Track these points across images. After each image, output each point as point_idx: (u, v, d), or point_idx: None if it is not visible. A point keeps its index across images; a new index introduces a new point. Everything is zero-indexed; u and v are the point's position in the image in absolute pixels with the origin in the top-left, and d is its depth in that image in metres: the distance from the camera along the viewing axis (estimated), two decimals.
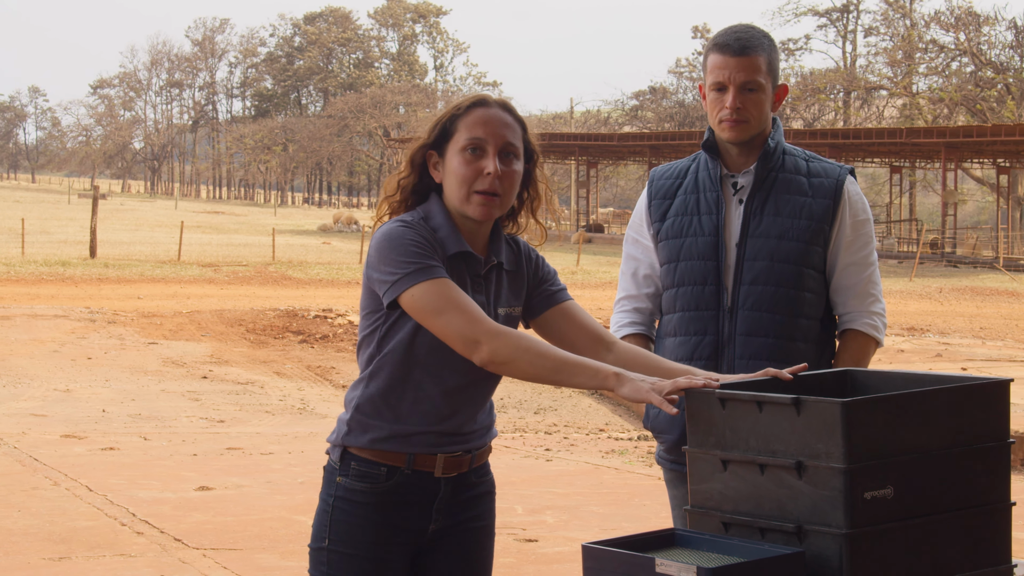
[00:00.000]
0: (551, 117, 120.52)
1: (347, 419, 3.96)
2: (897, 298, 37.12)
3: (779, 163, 4.84)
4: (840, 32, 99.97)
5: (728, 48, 4.72)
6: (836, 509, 3.38)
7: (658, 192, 5.03)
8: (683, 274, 4.87)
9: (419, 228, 3.86)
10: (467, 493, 4.04)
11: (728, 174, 4.88)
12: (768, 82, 4.74)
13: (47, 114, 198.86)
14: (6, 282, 34.70)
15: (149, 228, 70.15)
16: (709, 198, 4.87)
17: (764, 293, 4.75)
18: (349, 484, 3.94)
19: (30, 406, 16.26)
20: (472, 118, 3.91)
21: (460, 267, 3.91)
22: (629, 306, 5.08)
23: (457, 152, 3.90)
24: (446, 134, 3.94)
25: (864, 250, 4.85)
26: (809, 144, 64.23)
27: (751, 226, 4.80)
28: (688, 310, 4.86)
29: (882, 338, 4.89)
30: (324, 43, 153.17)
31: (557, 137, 76.91)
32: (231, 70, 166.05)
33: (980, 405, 3.64)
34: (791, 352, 4.73)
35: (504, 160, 3.91)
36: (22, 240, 47.55)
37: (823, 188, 4.81)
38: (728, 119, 4.73)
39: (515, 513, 10.26)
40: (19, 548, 8.99)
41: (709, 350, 4.80)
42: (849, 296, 4.84)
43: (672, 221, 4.93)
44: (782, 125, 4.97)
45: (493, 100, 3.97)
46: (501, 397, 18.06)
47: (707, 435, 3.66)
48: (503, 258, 4.03)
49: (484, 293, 3.96)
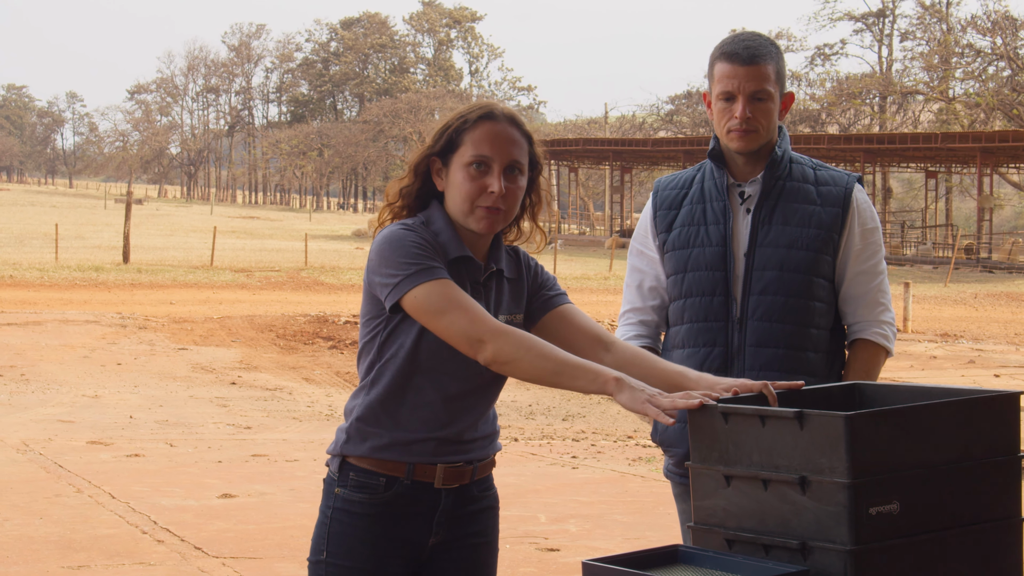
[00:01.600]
0: (586, 122, 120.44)
1: (346, 428, 3.90)
2: (931, 304, 36.95)
3: (786, 171, 4.79)
4: (876, 37, 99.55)
5: (737, 57, 4.64)
6: (840, 525, 3.31)
7: (663, 202, 4.95)
8: (691, 285, 4.81)
9: (420, 231, 3.82)
10: (469, 507, 3.97)
11: (734, 183, 4.81)
12: (776, 91, 4.67)
13: (85, 120, 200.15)
14: (40, 287, 34.82)
15: (184, 233, 70.35)
16: (716, 208, 4.80)
17: (774, 303, 4.68)
18: (347, 495, 3.88)
19: (58, 412, 16.28)
20: (479, 133, 3.85)
21: (461, 272, 3.87)
22: (634, 319, 5.01)
23: (462, 166, 3.85)
24: (452, 144, 3.88)
25: (873, 259, 4.79)
26: (844, 149, 64.13)
27: (760, 236, 4.73)
28: (696, 321, 4.79)
29: (892, 347, 4.82)
30: (360, 48, 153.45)
31: (591, 142, 76.87)
32: (267, 75, 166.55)
33: (989, 418, 3.57)
34: (801, 362, 4.68)
35: (509, 177, 3.87)
36: (56, 245, 47.71)
37: (832, 196, 4.75)
38: (737, 129, 4.66)
39: (538, 522, 10.20)
40: (39, 556, 8.97)
41: (718, 362, 4.73)
42: (859, 305, 4.78)
43: (679, 232, 4.86)
44: (788, 132, 4.88)
45: (501, 112, 3.91)
46: (530, 404, 18.03)
47: (710, 450, 3.60)
48: (503, 265, 3.98)
49: (484, 299, 3.91)
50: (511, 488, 11.65)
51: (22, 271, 39.46)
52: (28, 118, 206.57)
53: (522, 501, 11.04)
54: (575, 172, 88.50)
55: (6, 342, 22.67)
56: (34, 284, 35.70)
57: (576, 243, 75.54)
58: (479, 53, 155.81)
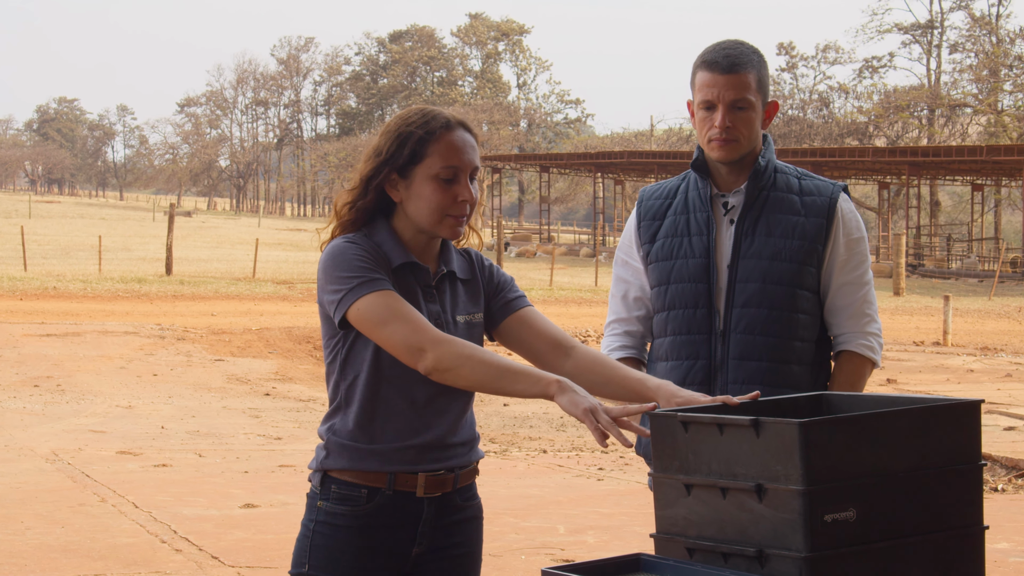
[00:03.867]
0: (633, 135, 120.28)
1: (325, 445, 3.93)
2: (974, 317, 36.76)
3: (770, 181, 4.76)
4: (925, 49, 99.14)
5: (717, 65, 4.63)
6: (796, 532, 3.33)
7: (647, 213, 4.94)
8: (674, 297, 4.79)
9: (363, 243, 3.85)
10: (452, 517, 3.99)
11: (718, 194, 4.79)
12: (758, 99, 4.65)
13: (135, 132, 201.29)
14: (82, 299, 35.02)
15: (230, 245, 70.67)
16: (699, 219, 4.78)
17: (757, 316, 4.67)
18: (330, 508, 3.89)
19: (90, 422, 16.38)
20: (444, 144, 3.88)
21: (408, 278, 3.90)
22: (620, 329, 5.01)
23: (430, 178, 3.87)
24: (412, 156, 3.89)
25: (859, 269, 4.77)
26: (889, 162, 63.88)
27: (743, 247, 4.71)
28: (679, 334, 4.78)
29: (878, 359, 4.79)
30: (408, 61, 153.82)
31: (636, 155, 76.80)
32: (316, 88, 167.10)
33: (949, 427, 3.57)
34: (785, 375, 4.66)
35: (471, 183, 3.92)
36: (99, 257, 47.99)
37: (815, 207, 4.72)
38: (718, 138, 4.65)
39: (556, 533, 10.22)
40: (56, 565, 9.04)
41: (702, 375, 4.73)
42: (844, 317, 4.75)
43: (662, 243, 4.85)
44: (773, 143, 4.87)
45: (455, 121, 3.93)
46: (561, 416, 18.03)
47: (671, 459, 3.62)
48: (455, 267, 4.01)
49: (438, 302, 3.94)
50: (533, 500, 11.68)
51: (66, 283, 39.69)
52: (79, 131, 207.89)
53: (543, 512, 11.07)
54: (621, 184, 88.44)
55: (44, 353, 22.82)
56: (77, 295, 35.90)
57: None
58: (527, 66, 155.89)
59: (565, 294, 42.58)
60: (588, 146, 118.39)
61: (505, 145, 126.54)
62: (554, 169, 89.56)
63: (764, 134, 4.79)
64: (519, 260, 68.71)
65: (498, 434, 16.53)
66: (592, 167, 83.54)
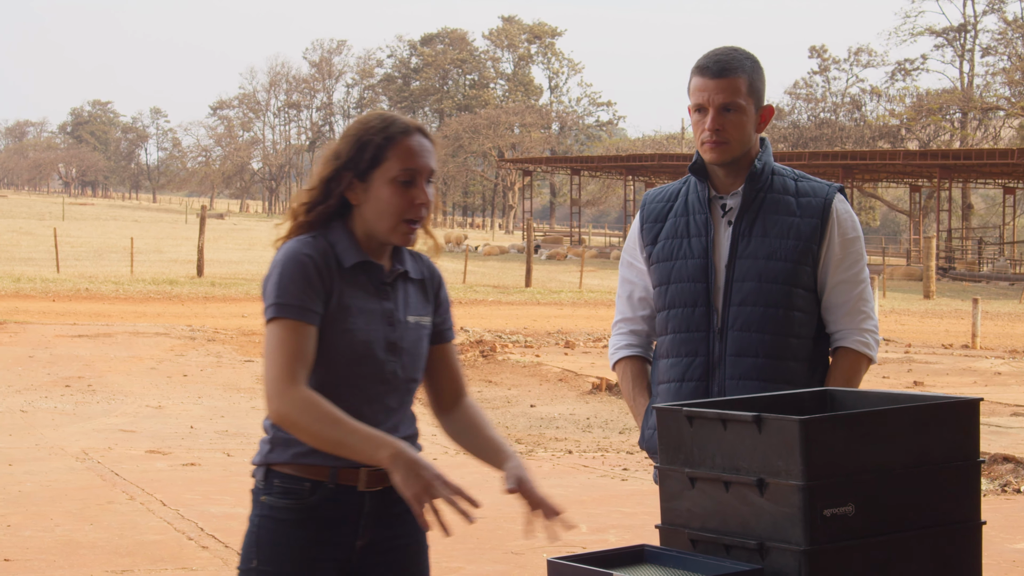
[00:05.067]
0: (664, 137, 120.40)
1: (269, 439, 3.99)
2: (1005, 321, 36.70)
3: (767, 184, 4.88)
4: (957, 52, 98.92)
5: (707, 70, 4.78)
6: (795, 526, 3.42)
7: (650, 215, 5.07)
8: (674, 296, 4.92)
9: (318, 251, 3.93)
10: (394, 509, 4.06)
11: (717, 196, 4.92)
12: (749, 103, 4.79)
13: (168, 135, 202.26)
14: (114, 300, 35.25)
15: (261, 248, 70.89)
16: (698, 220, 4.91)
17: (753, 314, 4.79)
18: (273, 502, 3.95)
19: (120, 422, 16.51)
20: (403, 148, 3.97)
21: (361, 277, 3.98)
22: (625, 328, 5.15)
23: (388, 182, 3.96)
24: (372, 160, 3.98)
25: (854, 268, 4.87)
26: (920, 165, 63.75)
27: (739, 247, 4.84)
28: (679, 332, 4.90)
29: (874, 355, 4.90)
30: (440, 64, 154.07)
31: (667, 158, 76.81)
32: (348, 91, 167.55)
33: (948, 424, 3.66)
34: (781, 371, 4.77)
35: (429, 186, 4.02)
36: (131, 259, 48.26)
37: (810, 207, 4.84)
38: (709, 140, 4.79)
39: (578, 532, 10.29)
40: (84, 561, 9.16)
41: (700, 371, 4.85)
42: (840, 314, 4.86)
43: (663, 244, 4.98)
44: (771, 145, 4.99)
45: (414, 127, 4.03)
46: (588, 417, 18.11)
47: (676, 452, 3.71)
48: (408, 267, 4.11)
49: (392, 300, 4.02)
50: (556, 499, 11.69)
51: (98, 284, 39.96)
52: (113, 134, 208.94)
53: (567, 512, 11.12)
54: (652, 188, 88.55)
55: (76, 353, 23.01)
56: (109, 297, 36.14)
57: None
58: (559, 69, 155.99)
59: (594, 296, 42.65)
60: (619, 149, 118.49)
61: (536, 148, 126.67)
62: (585, 172, 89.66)
63: (762, 138, 4.93)
64: (549, 262, 68.77)
65: (524, 435, 16.62)
66: (623, 170, 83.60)
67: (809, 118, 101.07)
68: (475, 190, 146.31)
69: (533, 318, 33.36)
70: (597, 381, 20.51)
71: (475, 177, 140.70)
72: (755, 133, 4.85)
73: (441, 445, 15.32)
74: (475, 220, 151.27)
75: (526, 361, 23.40)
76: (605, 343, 26.91)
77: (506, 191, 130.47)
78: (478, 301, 39.33)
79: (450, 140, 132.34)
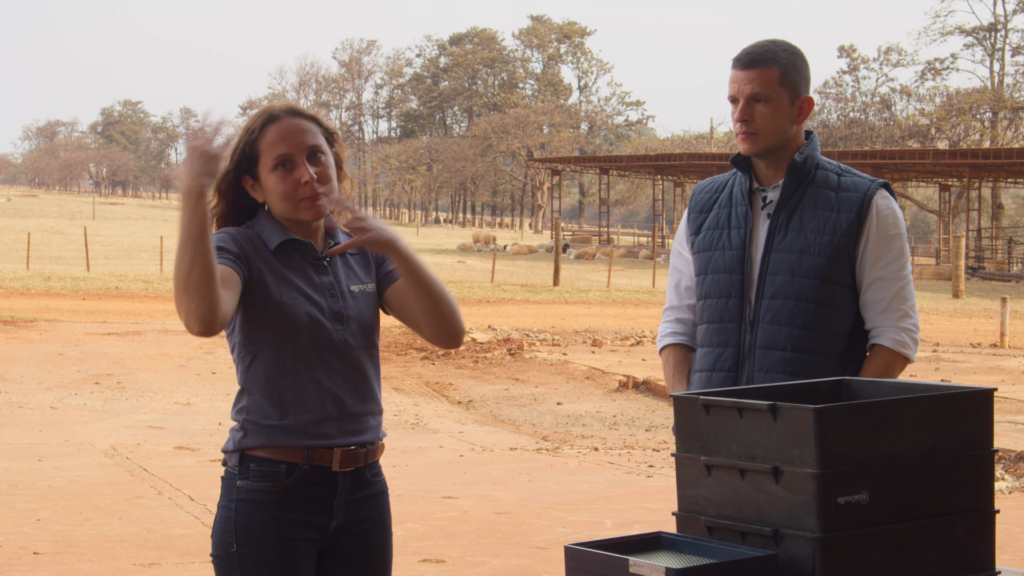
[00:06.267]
0: (693, 137, 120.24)
1: (240, 426, 4.07)
2: None
3: (809, 177, 4.86)
4: (988, 51, 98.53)
5: (739, 61, 4.81)
6: (810, 513, 3.45)
7: (696, 206, 5.10)
8: (710, 286, 4.94)
9: (238, 235, 4.06)
10: (363, 491, 4.14)
11: (759, 188, 4.92)
12: (781, 95, 4.77)
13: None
14: (143, 299, 35.42)
15: None
16: (739, 212, 4.92)
17: (783, 307, 4.78)
18: (250, 486, 4.02)
19: (149, 419, 16.62)
20: (270, 137, 4.08)
21: (291, 254, 4.10)
22: (672, 316, 5.17)
23: (269, 172, 4.08)
24: (251, 159, 4.11)
25: (893, 265, 4.81)
26: (949, 164, 63.58)
27: (775, 240, 4.83)
28: (713, 322, 4.93)
29: (911, 354, 4.82)
30: (469, 64, 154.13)
31: (695, 157, 76.74)
32: (377, 91, 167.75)
33: (962, 414, 3.68)
34: (810, 365, 4.75)
35: (314, 161, 4.09)
36: (160, 258, 48.42)
37: (849, 203, 4.80)
38: (739, 132, 4.81)
39: (603, 527, 10.35)
40: (113, 554, 9.25)
41: (730, 362, 4.86)
42: (876, 311, 4.81)
43: (705, 234, 5.00)
44: (818, 139, 4.96)
45: (280, 110, 4.13)
46: (615, 415, 18.15)
47: (693, 440, 3.75)
48: (341, 239, 4.19)
49: (331, 274, 4.13)
50: (582, 495, 11.81)
51: (127, 283, 40.16)
52: (143, 134, 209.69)
53: (591, 507, 11.20)
54: (681, 187, 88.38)
55: (106, 351, 23.16)
56: (138, 295, 36.32)
57: None
58: (588, 68, 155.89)
59: (622, 295, 42.67)
60: (648, 148, 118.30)
61: (565, 147, 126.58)
62: (613, 171, 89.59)
63: (809, 131, 4.91)
64: (578, 262, 68.79)
65: (551, 432, 16.67)
66: (651, 169, 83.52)
67: (839, 118, 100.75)
68: (504, 190, 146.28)
69: (561, 317, 33.40)
70: (624, 379, 20.55)
71: (504, 177, 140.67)
72: (792, 125, 4.83)
73: (467, 442, 15.40)
74: (504, 220, 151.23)
75: (553, 359, 23.45)
76: (633, 342, 26.95)
77: (535, 191, 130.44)
78: (506, 300, 39.37)
79: (479, 140, 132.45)
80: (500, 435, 16.32)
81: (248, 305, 4.01)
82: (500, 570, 9.00)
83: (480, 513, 10.87)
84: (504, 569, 9.02)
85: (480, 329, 28.03)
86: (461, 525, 10.40)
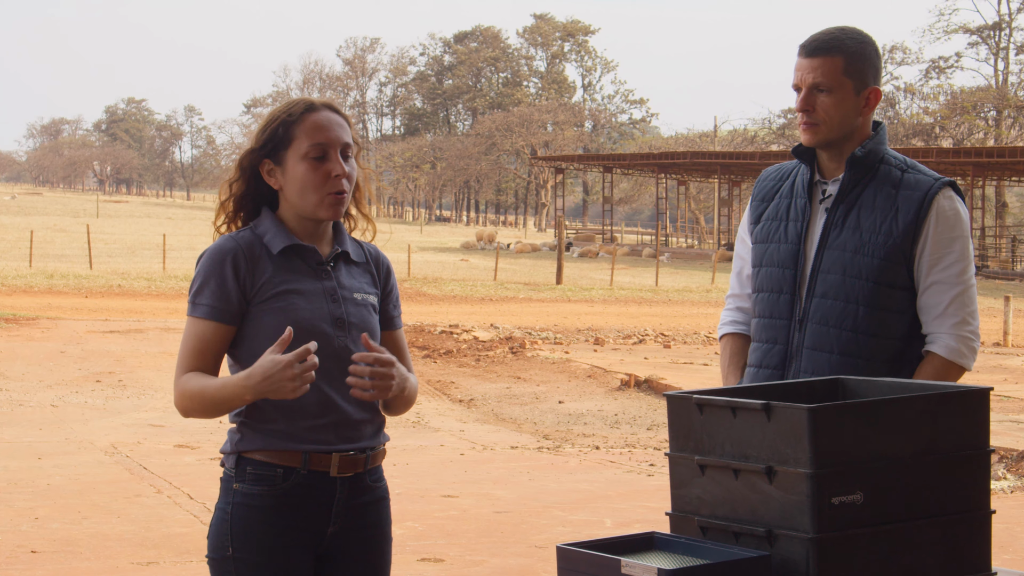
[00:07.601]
0: (697, 135, 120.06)
1: (238, 428, 4.03)
2: None
3: (871, 172, 4.66)
4: (992, 50, 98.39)
5: (803, 49, 4.63)
6: (803, 514, 3.42)
7: (759, 193, 4.93)
8: (763, 280, 4.78)
9: (239, 253, 4.02)
10: (363, 497, 4.10)
11: (821, 180, 4.73)
12: (846, 84, 4.58)
13: (202, 133, 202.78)
14: (146, 296, 35.41)
15: None
16: (798, 204, 4.74)
17: (833, 308, 4.60)
18: (247, 489, 3.98)
19: (150, 417, 16.61)
20: (309, 124, 4.04)
21: (294, 260, 4.06)
22: (733, 305, 5.03)
23: (300, 159, 4.03)
24: (282, 142, 4.05)
25: (952, 268, 4.57)
26: (953, 162, 63.50)
27: (830, 237, 4.64)
28: (763, 317, 4.78)
29: (967, 363, 4.60)
30: (473, 62, 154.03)
31: (699, 155, 76.68)
32: (381, 89, 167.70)
33: (958, 414, 3.65)
34: (856, 370, 4.54)
35: (345, 159, 4.08)
36: (163, 256, 48.41)
37: (909, 201, 4.58)
38: (800, 122, 4.63)
39: (603, 526, 10.32)
40: (111, 553, 9.22)
41: (777, 359, 4.71)
42: (931, 316, 4.58)
43: (764, 225, 4.84)
44: (886, 132, 4.74)
45: (320, 103, 4.09)
46: (616, 413, 18.12)
47: (686, 440, 3.72)
48: (348, 248, 4.17)
49: (334, 280, 4.09)
50: (582, 494, 11.78)
51: (130, 281, 40.13)
52: (147, 131, 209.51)
53: (591, 506, 11.17)
54: (685, 186, 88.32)
55: (107, 349, 23.14)
56: (141, 293, 36.30)
57: (683, 256, 75.35)
58: (592, 66, 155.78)
59: (625, 294, 42.63)
60: (652, 147, 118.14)
61: (569, 146, 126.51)
62: (617, 170, 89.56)
63: (877, 122, 4.71)
64: (581, 260, 68.72)
65: (552, 431, 16.65)
66: (655, 167, 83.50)
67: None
68: (508, 188, 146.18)
69: (563, 315, 33.36)
70: (626, 378, 20.52)
71: (508, 175, 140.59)
72: (857, 117, 4.62)
73: (468, 441, 15.37)
74: (507, 218, 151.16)
75: (555, 358, 23.42)
76: (635, 340, 26.93)
77: (539, 189, 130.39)
78: (509, 298, 39.32)
79: (483, 138, 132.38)
80: (501, 434, 16.30)
81: (246, 328, 4.02)
82: (499, 569, 8.97)
83: (480, 512, 10.84)
84: (503, 568, 8.99)
85: (482, 327, 28.01)
86: (460, 524, 10.37)
